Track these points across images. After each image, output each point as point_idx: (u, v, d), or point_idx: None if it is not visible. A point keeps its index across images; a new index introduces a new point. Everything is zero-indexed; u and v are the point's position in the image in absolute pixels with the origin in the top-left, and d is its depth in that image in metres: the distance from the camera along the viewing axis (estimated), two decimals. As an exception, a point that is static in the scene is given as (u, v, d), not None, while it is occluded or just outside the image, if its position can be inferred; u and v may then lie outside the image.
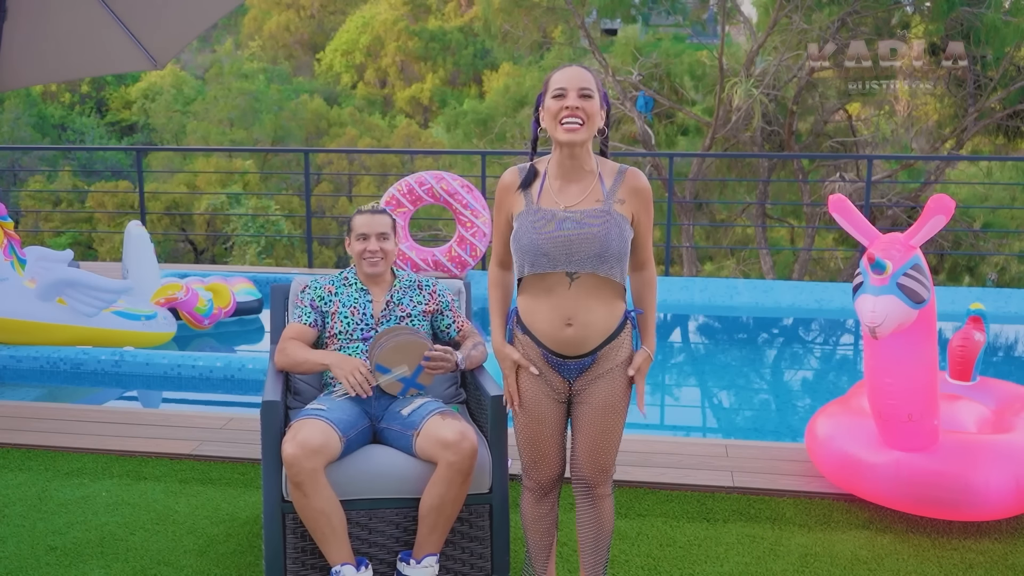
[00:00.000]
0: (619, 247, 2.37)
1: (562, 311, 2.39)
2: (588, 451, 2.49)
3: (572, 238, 2.35)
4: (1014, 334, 7.64)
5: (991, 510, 3.26)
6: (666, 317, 8.29)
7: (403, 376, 2.87)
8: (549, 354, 2.44)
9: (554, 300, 2.39)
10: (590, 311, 2.39)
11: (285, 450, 2.61)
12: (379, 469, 2.77)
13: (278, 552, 2.74)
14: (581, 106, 2.32)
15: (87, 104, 27.16)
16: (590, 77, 2.36)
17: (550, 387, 2.48)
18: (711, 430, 5.65)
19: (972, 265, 14.86)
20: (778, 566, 3.08)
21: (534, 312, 2.44)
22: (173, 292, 6.42)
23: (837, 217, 3.24)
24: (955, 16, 12.28)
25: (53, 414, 4.53)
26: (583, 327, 2.40)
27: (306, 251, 10.07)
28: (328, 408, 2.79)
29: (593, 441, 2.48)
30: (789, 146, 13.67)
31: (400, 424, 2.84)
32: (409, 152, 21.36)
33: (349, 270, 3.15)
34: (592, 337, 2.42)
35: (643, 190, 2.42)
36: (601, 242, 2.34)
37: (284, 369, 3.03)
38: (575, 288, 2.38)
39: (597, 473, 2.52)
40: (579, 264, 2.35)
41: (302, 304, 3.10)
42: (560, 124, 2.33)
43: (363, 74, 30.69)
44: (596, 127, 2.37)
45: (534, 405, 2.49)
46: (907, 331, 3.12)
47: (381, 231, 3.05)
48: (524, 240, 2.38)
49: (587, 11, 14.06)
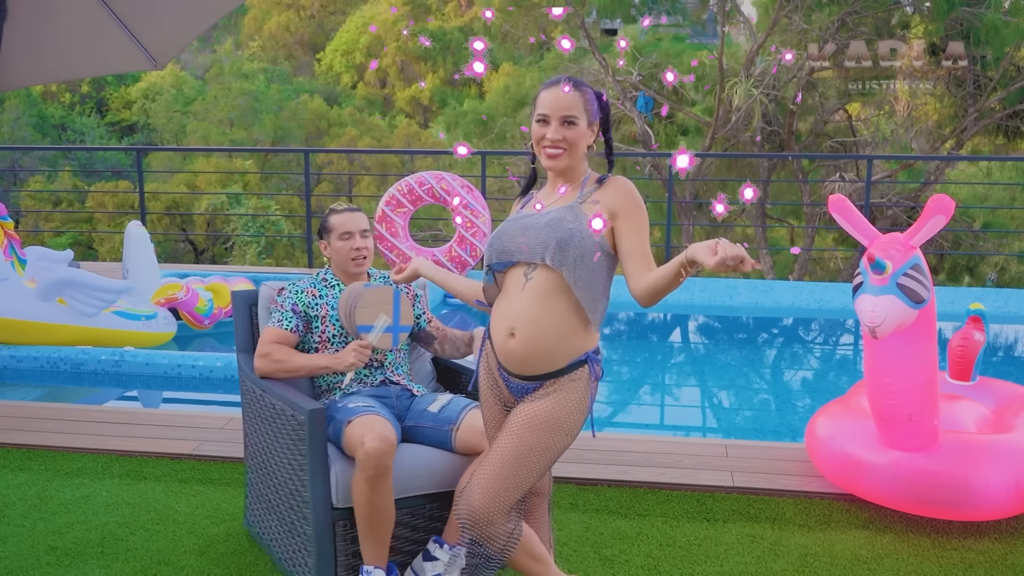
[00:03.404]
0: (580, 242, 2.21)
1: (509, 319, 2.29)
2: (484, 467, 2.24)
3: (529, 224, 2.31)
4: (1014, 334, 7.64)
5: (991, 510, 3.26)
6: (666, 317, 8.29)
7: (387, 325, 2.91)
8: (499, 366, 2.37)
9: (505, 306, 2.32)
10: (536, 323, 2.24)
11: (366, 444, 2.57)
12: (419, 466, 2.79)
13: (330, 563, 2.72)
14: (563, 136, 2.28)
15: (87, 104, 27.17)
16: (574, 100, 2.28)
17: (505, 398, 2.41)
18: (711, 430, 5.65)
19: (972, 265, 14.86)
20: (778, 566, 3.08)
21: (492, 321, 2.38)
22: (173, 292, 6.42)
23: (837, 217, 3.25)
24: (955, 16, 12.28)
25: (53, 414, 4.53)
26: (526, 341, 2.26)
27: (306, 251, 10.07)
28: (375, 406, 2.80)
29: (494, 458, 2.23)
30: (789, 146, 13.67)
31: (432, 421, 2.86)
32: (409, 152, 21.36)
33: (326, 271, 3.11)
34: (537, 359, 2.26)
35: (624, 191, 2.30)
36: (557, 228, 2.23)
37: (271, 376, 2.95)
38: (527, 292, 2.27)
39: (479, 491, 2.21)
40: (534, 252, 2.25)
41: (282, 308, 3.01)
42: (543, 151, 2.32)
43: (363, 74, 30.69)
44: (583, 148, 2.33)
45: (490, 416, 2.44)
46: (907, 331, 3.12)
47: (363, 228, 3.06)
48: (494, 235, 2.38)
49: (587, 11, 14.06)
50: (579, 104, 2.29)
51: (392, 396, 2.96)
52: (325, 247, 3.09)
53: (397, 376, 3.04)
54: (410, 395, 3.01)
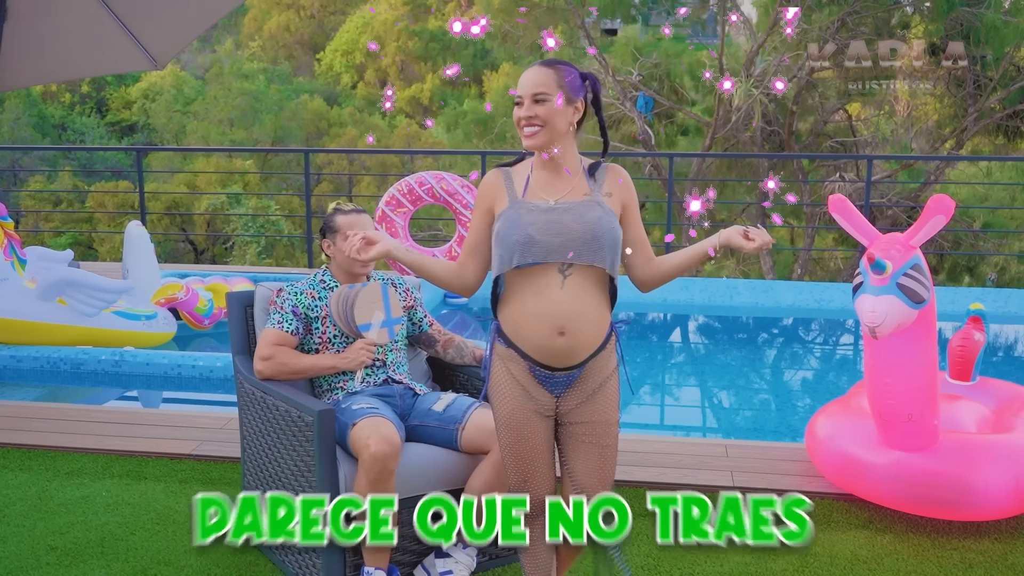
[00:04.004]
0: (612, 237, 2.28)
1: (554, 318, 2.27)
2: (594, 470, 2.40)
3: (564, 221, 2.27)
4: (1014, 334, 7.64)
5: (991, 510, 3.26)
6: (666, 317, 8.29)
7: (383, 321, 2.94)
8: (536, 367, 2.33)
9: (545, 305, 2.27)
10: (583, 318, 2.29)
11: (371, 447, 2.57)
12: (425, 465, 2.78)
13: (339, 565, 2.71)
14: (535, 112, 2.29)
15: (87, 104, 27.16)
16: (547, 76, 2.29)
17: (536, 403, 2.36)
18: (711, 430, 5.65)
19: (972, 265, 14.84)
20: (778, 566, 3.08)
21: (520, 322, 2.30)
22: (173, 292, 6.42)
23: (837, 217, 3.24)
24: (955, 16, 12.27)
25: (53, 414, 4.53)
26: (575, 336, 2.28)
27: (306, 251, 10.06)
28: (379, 407, 2.79)
29: (598, 460, 2.39)
30: (789, 146, 13.66)
31: (437, 420, 2.86)
32: (409, 152, 21.36)
33: (324, 272, 3.09)
34: (583, 348, 2.31)
35: (627, 181, 2.41)
36: (593, 226, 2.26)
37: (274, 378, 2.93)
38: (568, 288, 2.27)
39: (603, 488, 2.42)
40: (573, 250, 2.25)
41: (282, 310, 2.99)
42: (521, 131, 2.33)
43: (363, 74, 30.68)
44: (561, 125, 2.30)
45: (518, 423, 2.36)
46: (907, 331, 3.12)
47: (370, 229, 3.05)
48: (513, 231, 2.26)
49: (587, 11, 14.05)
50: (551, 81, 2.29)
51: (396, 395, 2.96)
52: (328, 246, 3.07)
53: (399, 375, 3.04)
54: (413, 394, 3.01)
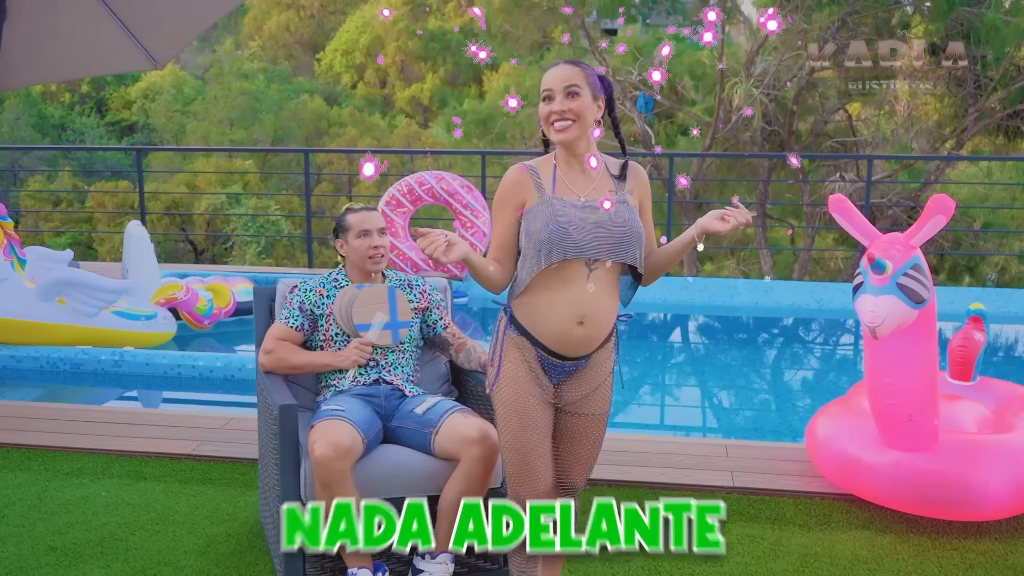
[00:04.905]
0: (639, 235, 2.38)
1: (577, 308, 2.33)
2: (582, 460, 2.53)
3: (599, 221, 2.33)
4: (1014, 334, 7.64)
5: (991, 510, 3.26)
6: (666, 317, 8.29)
7: (385, 322, 2.94)
8: (545, 355, 2.38)
9: (569, 295, 2.33)
10: (601, 309, 2.37)
11: (315, 451, 2.59)
12: (396, 468, 2.77)
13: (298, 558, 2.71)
14: (568, 107, 2.31)
15: (87, 104, 27.13)
16: (577, 72, 2.34)
17: (542, 389, 2.40)
18: (711, 430, 5.65)
19: (972, 265, 14.85)
20: (778, 566, 3.08)
21: (540, 310, 2.35)
22: (173, 292, 6.42)
23: (837, 217, 3.24)
24: (955, 16, 12.27)
25: (53, 414, 4.53)
26: (592, 326, 2.36)
27: (306, 251, 10.07)
28: (347, 409, 2.78)
29: (588, 451, 2.53)
30: (789, 146, 13.66)
31: (415, 422, 2.85)
32: (409, 152, 21.35)
33: (338, 271, 3.11)
34: (596, 338, 2.39)
35: (646, 180, 2.50)
36: (623, 228, 2.34)
37: (273, 371, 2.98)
38: (592, 281, 2.34)
39: (584, 478, 2.58)
40: (603, 250, 2.32)
41: (290, 306, 3.04)
42: (552, 126, 2.34)
43: (363, 74, 30.67)
44: (591, 120, 2.35)
45: (526, 409, 2.37)
46: (907, 331, 3.12)
47: (380, 226, 3.05)
48: (548, 226, 2.29)
49: (587, 11, 14.05)
50: (580, 76, 2.34)
51: (380, 396, 2.94)
52: (341, 245, 3.08)
53: (392, 376, 3.02)
54: (400, 395, 2.98)
